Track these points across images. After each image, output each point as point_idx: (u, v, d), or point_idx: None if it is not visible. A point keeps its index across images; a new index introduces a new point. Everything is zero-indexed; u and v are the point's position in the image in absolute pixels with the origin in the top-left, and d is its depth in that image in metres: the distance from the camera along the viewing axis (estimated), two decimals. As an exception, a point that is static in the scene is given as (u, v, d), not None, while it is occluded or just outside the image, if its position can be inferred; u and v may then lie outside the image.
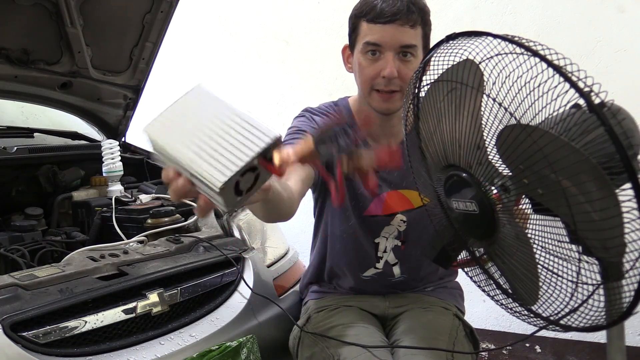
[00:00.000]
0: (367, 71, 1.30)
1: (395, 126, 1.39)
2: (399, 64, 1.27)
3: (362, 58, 1.30)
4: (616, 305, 0.87)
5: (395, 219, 1.45)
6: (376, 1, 1.26)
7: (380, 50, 1.27)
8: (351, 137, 1.39)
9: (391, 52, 1.26)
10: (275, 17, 3.15)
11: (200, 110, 0.74)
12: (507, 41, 0.87)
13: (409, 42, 1.25)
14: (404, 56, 1.27)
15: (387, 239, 1.47)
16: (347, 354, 1.29)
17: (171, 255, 1.47)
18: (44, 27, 1.77)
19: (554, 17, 2.45)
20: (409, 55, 1.27)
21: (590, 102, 0.78)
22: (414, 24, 1.25)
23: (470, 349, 1.43)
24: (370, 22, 1.26)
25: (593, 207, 0.82)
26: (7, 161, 1.83)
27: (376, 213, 1.44)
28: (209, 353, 1.29)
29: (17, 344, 1.08)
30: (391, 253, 1.48)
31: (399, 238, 1.47)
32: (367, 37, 1.27)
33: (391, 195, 1.42)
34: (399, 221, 1.46)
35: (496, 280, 1.11)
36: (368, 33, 1.27)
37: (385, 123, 1.39)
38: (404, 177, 1.39)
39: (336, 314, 1.46)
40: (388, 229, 1.47)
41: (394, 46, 1.25)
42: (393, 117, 1.38)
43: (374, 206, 1.44)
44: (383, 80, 1.28)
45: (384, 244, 1.48)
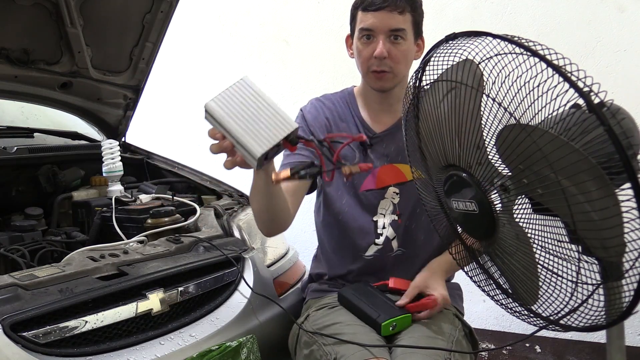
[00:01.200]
0: (363, 53, 1.46)
1: (393, 105, 1.53)
2: (390, 46, 1.42)
3: (359, 43, 1.46)
4: (616, 305, 0.87)
5: (389, 191, 1.53)
6: None
7: (374, 35, 1.43)
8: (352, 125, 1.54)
9: (382, 35, 1.42)
10: (275, 17, 3.15)
11: (246, 98, 1.05)
12: (507, 41, 0.87)
13: (397, 26, 1.41)
14: (395, 39, 1.42)
15: (384, 215, 1.53)
16: (345, 352, 1.29)
17: (171, 255, 1.46)
18: (44, 27, 1.77)
19: (554, 17, 2.45)
20: (399, 38, 1.43)
21: (589, 102, 0.78)
22: (402, 11, 1.41)
23: (469, 350, 1.43)
24: (364, 10, 1.43)
25: (593, 207, 0.82)
26: (7, 161, 1.83)
27: (370, 187, 1.53)
28: (209, 353, 1.29)
29: (17, 344, 1.08)
30: (389, 228, 1.54)
31: (395, 212, 1.53)
32: (362, 24, 1.44)
33: (385, 169, 1.52)
34: (392, 193, 1.53)
35: (496, 280, 1.11)
36: (362, 20, 1.44)
37: (384, 100, 1.53)
38: (400, 152, 1.50)
39: (334, 312, 1.47)
40: (384, 204, 1.53)
41: (384, 30, 1.41)
42: (390, 97, 1.52)
43: (368, 182, 1.53)
44: (375, 60, 1.43)
45: (382, 220, 1.53)
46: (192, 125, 3.45)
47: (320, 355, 1.34)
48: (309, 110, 1.58)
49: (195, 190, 2.05)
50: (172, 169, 2.15)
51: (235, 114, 1.04)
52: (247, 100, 1.05)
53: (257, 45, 3.21)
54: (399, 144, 1.49)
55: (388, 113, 1.54)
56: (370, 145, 1.52)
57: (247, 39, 3.24)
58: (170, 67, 3.18)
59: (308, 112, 1.57)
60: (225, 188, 2.02)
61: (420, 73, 1.09)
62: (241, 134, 1.03)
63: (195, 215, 1.69)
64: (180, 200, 1.79)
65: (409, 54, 1.46)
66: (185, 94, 3.44)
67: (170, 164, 2.17)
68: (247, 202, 1.92)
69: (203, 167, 2.14)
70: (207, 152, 1.09)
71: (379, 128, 1.54)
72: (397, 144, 1.51)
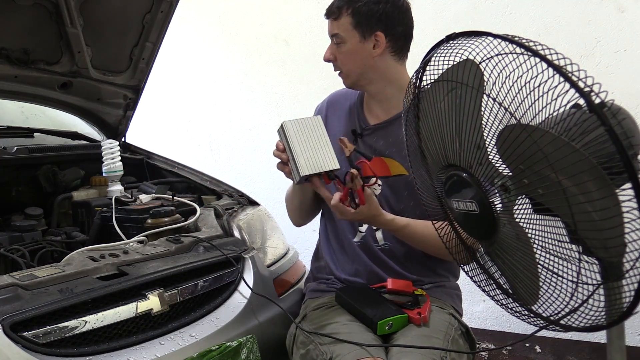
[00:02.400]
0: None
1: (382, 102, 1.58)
2: (334, 49, 1.54)
3: None
4: (616, 305, 0.87)
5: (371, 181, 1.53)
6: None
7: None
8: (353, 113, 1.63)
9: (331, 40, 1.54)
10: (275, 17, 3.15)
11: (314, 130, 1.39)
12: (507, 41, 0.87)
13: (332, 32, 1.53)
14: (337, 44, 1.53)
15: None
16: (340, 352, 1.30)
17: (171, 255, 1.46)
18: (44, 27, 1.77)
19: (554, 17, 2.45)
20: (339, 43, 1.52)
21: (590, 102, 0.78)
22: (336, 17, 1.51)
23: (467, 349, 1.43)
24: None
25: (593, 207, 0.82)
26: (7, 161, 1.83)
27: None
28: (209, 353, 1.29)
29: (17, 344, 1.08)
30: None
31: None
32: None
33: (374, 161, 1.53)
34: (375, 185, 1.55)
35: (496, 280, 1.11)
36: None
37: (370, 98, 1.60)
38: (388, 147, 1.56)
39: (331, 312, 1.48)
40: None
41: (330, 36, 1.54)
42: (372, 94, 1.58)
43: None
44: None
45: None
46: (192, 125, 3.46)
47: (317, 354, 1.35)
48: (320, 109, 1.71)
49: (195, 190, 2.05)
50: (172, 169, 2.15)
51: (301, 138, 1.37)
52: (313, 132, 1.39)
53: (257, 45, 3.21)
54: (388, 139, 1.55)
55: (380, 109, 1.59)
56: (361, 135, 1.57)
57: (247, 39, 3.24)
58: (171, 67, 3.19)
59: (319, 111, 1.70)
60: (225, 188, 2.02)
61: (421, 73, 1.09)
62: (298, 153, 1.35)
63: (195, 215, 1.69)
64: (180, 200, 1.79)
65: (355, 54, 1.51)
66: (185, 94, 3.44)
67: (170, 164, 2.17)
68: (248, 202, 1.93)
69: (203, 167, 2.15)
70: (207, 152, 1.09)
71: (373, 121, 1.59)
72: (387, 139, 1.55)
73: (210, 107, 3.40)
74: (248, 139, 3.27)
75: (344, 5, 1.49)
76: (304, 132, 1.37)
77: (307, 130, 1.37)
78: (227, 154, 3.37)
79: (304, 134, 1.37)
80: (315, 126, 1.39)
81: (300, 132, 1.37)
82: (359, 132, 1.58)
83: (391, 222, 1.46)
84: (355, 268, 1.58)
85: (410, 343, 1.31)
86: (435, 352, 1.28)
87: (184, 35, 3.25)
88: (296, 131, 1.37)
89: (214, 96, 3.37)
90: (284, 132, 1.38)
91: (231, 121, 3.34)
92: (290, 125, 1.37)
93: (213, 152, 3.40)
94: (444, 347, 1.32)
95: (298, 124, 1.38)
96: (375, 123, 1.58)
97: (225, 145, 3.38)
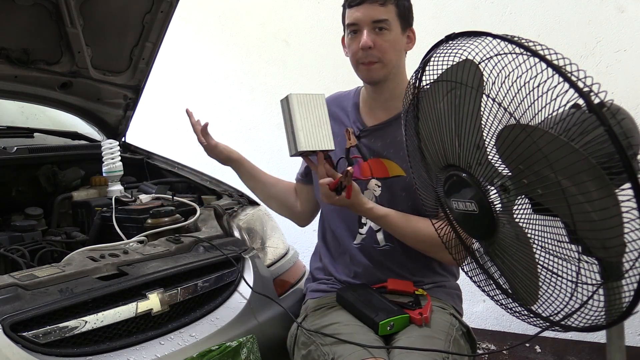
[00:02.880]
0: (352, 48, 1.50)
1: (387, 101, 1.55)
2: (374, 37, 1.45)
3: (348, 39, 1.51)
4: (616, 305, 0.87)
5: (371, 183, 1.56)
6: None
7: (359, 29, 1.47)
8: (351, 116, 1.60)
9: (366, 27, 1.45)
10: (275, 17, 3.14)
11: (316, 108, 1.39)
12: (507, 41, 0.87)
13: (379, 17, 1.44)
14: (379, 30, 1.45)
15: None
16: (342, 352, 1.29)
17: (171, 255, 1.46)
18: (44, 27, 1.77)
19: (554, 17, 2.45)
20: (383, 29, 1.45)
21: (589, 102, 0.78)
22: (383, 2, 1.44)
23: (467, 349, 1.43)
24: (349, 7, 1.48)
25: (593, 207, 0.82)
26: (7, 161, 1.83)
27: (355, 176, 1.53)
28: (209, 353, 1.29)
29: (17, 344, 1.08)
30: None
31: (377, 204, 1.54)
32: (348, 20, 1.49)
33: (372, 162, 1.55)
34: (374, 185, 1.55)
35: (496, 280, 1.11)
36: (349, 16, 1.48)
37: (377, 96, 1.56)
38: (386, 148, 1.55)
39: (332, 312, 1.47)
40: (366, 195, 1.55)
41: (367, 22, 1.45)
42: (383, 91, 1.54)
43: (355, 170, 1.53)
44: (362, 52, 1.46)
45: None
46: (192, 125, 3.45)
47: (318, 355, 1.34)
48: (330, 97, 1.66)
49: (195, 190, 2.05)
50: (172, 169, 2.15)
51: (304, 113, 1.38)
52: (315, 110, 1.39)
53: (257, 45, 3.21)
54: (386, 140, 1.54)
55: (382, 109, 1.56)
56: (358, 137, 1.55)
57: (247, 39, 3.24)
58: (171, 67, 3.18)
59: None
60: (225, 188, 2.02)
61: (420, 73, 1.09)
62: (298, 127, 1.36)
63: (195, 215, 1.69)
64: (180, 200, 1.79)
65: (397, 44, 1.48)
66: (186, 94, 3.44)
67: (170, 164, 2.17)
68: (248, 202, 1.93)
69: (203, 167, 2.14)
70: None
71: (371, 122, 1.57)
72: (385, 140, 1.54)
73: (210, 107, 3.39)
74: (248, 139, 3.26)
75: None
76: (308, 108, 1.38)
77: (310, 107, 1.38)
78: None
79: (307, 109, 1.38)
80: (318, 104, 1.39)
81: (304, 107, 1.37)
82: (356, 134, 1.55)
83: (370, 211, 1.46)
84: (355, 270, 1.58)
85: (412, 344, 1.31)
86: (437, 353, 1.28)
87: (184, 35, 3.25)
88: (300, 105, 1.37)
89: (214, 96, 3.37)
90: (288, 105, 1.38)
91: (231, 121, 3.34)
92: (296, 99, 1.38)
93: (213, 152, 3.40)
94: (445, 347, 1.32)
95: (303, 98, 1.39)
96: (373, 124, 1.57)
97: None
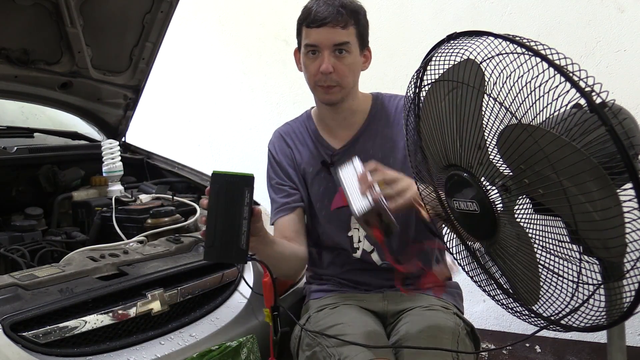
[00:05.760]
0: (310, 69, 1.46)
1: (347, 118, 1.53)
2: (335, 61, 1.42)
3: (305, 58, 1.46)
4: (617, 305, 0.87)
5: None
6: (312, 8, 1.42)
7: (318, 50, 1.42)
8: (313, 146, 1.56)
9: (327, 50, 1.41)
10: (275, 17, 3.14)
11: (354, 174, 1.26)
12: (508, 41, 0.86)
13: (340, 40, 1.40)
14: (339, 53, 1.42)
15: (358, 229, 1.54)
16: (349, 353, 1.29)
17: (171, 255, 1.47)
18: (44, 27, 1.77)
19: (554, 17, 2.45)
20: (343, 52, 1.42)
21: (591, 102, 0.78)
22: (344, 25, 1.40)
23: (472, 348, 1.43)
24: (307, 26, 1.43)
25: (594, 207, 0.82)
26: (7, 161, 1.83)
27: (340, 205, 1.52)
28: (209, 353, 1.29)
29: (17, 344, 1.08)
30: (365, 241, 1.54)
31: None
32: (306, 40, 1.44)
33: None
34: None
35: (497, 280, 1.10)
36: (307, 36, 1.43)
37: (336, 115, 1.53)
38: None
39: (336, 313, 1.46)
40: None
41: (328, 45, 1.41)
42: (342, 110, 1.52)
43: (337, 199, 1.53)
44: (322, 75, 1.43)
45: (356, 235, 1.54)
46: (192, 125, 3.46)
47: (324, 356, 1.34)
48: (274, 143, 1.60)
49: (195, 190, 2.05)
50: (172, 169, 2.15)
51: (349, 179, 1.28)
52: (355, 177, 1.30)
53: (257, 45, 3.21)
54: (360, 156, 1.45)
55: (343, 128, 1.54)
56: (332, 163, 1.51)
57: (247, 39, 3.24)
58: (170, 67, 3.18)
59: (274, 146, 1.60)
60: (225, 188, 2.02)
61: (421, 73, 1.09)
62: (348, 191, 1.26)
63: (195, 215, 1.69)
64: (180, 200, 1.79)
65: (355, 66, 1.45)
66: (186, 94, 3.45)
67: (170, 164, 2.18)
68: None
69: (203, 167, 2.14)
70: (207, 152, 1.10)
71: (338, 144, 1.54)
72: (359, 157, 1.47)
73: (210, 107, 3.40)
74: (248, 139, 3.27)
75: (349, 13, 1.41)
76: (351, 173, 1.29)
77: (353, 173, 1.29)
78: (227, 154, 3.37)
79: (351, 174, 1.30)
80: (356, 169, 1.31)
81: (348, 172, 1.30)
82: (329, 161, 1.52)
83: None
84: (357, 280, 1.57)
85: (420, 344, 1.31)
86: (445, 353, 1.28)
87: (184, 35, 3.25)
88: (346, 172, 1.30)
89: (214, 96, 3.37)
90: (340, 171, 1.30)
91: (231, 121, 3.34)
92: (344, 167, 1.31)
93: (213, 152, 3.40)
94: (453, 347, 1.32)
95: (349, 166, 1.31)
96: (341, 146, 1.53)
97: (225, 145, 3.38)
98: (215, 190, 1.07)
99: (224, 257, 1.14)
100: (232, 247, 1.08)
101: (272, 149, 1.61)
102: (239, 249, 1.08)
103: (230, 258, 1.15)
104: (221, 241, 1.07)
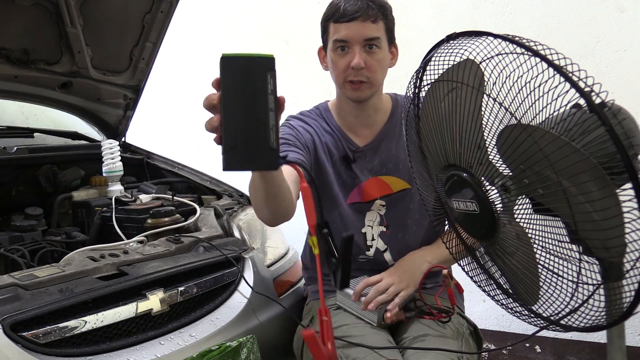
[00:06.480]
0: (339, 64, 1.42)
1: (371, 116, 1.52)
2: (365, 56, 1.40)
3: (334, 54, 1.44)
4: (616, 305, 0.87)
5: (375, 204, 1.53)
6: (339, 4, 1.40)
7: (348, 46, 1.40)
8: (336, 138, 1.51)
9: (357, 45, 1.39)
10: (275, 17, 3.14)
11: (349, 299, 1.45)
12: (508, 41, 0.87)
13: (371, 35, 1.38)
14: (370, 48, 1.40)
15: (372, 227, 1.53)
16: (356, 355, 1.29)
17: (171, 255, 1.46)
18: (44, 27, 1.77)
19: (554, 17, 2.45)
20: (374, 47, 1.40)
21: (591, 102, 0.78)
22: (375, 19, 1.38)
23: (475, 348, 1.44)
24: (336, 22, 1.41)
25: (594, 207, 0.82)
26: (7, 161, 1.83)
27: (356, 200, 1.52)
28: (209, 353, 1.29)
29: (17, 344, 1.08)
30: (379, 240, 1.53)
31: (382, 223, 1.53)
32: (335, 36, 1.41)
33: (370, 182, 1.51)
34: (379, 206, 1.53)
35: (497, 280, 1.10)
36: (336, 32, 1.41)
37: (361, 113, 1.51)
38: (384, 165, 1.51)
39: (340, 313, 1.46)
40: (370, 216, 1.53)
41: (358, 40, 1.39)
42: (367, 108, 1.50)
43: (354, 195, 1.52)
44: (352, 71, 1.40)
45: (370, 232, 1.53)
46: (192, 125, 3.45)
47: None
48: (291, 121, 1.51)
49: (195, 190, 2.05)
50: (172, 169, 2.15)
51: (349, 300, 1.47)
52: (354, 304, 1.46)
53: (257, 45, 3.21)
54: (382, 156, 1.50)
55: (367, 126, 1.52)
56: (354, 160, 1.50)
57: (247, 39, 3.24)
58: (170, 67, 3.18)
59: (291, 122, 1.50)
60: (225, 188, 2.02)
61: (421, 73, 1.09)
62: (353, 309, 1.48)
63: (195, 215, 1.69)
64: (180, 200, 1.79)
65: (385, 62, 1.43)
66: (186, 94, 3.44)
67: (170, 164, 2.17)
68: (248, 202, 1.93)
69: (203, 167, 2.14)
70: (207, 152, 1.09)
71: (361, 142, 1.52)
72: (380, 156, 1.50)
73: (210, 107, 3.39)
74: (248, 139, 3.26)
75: (378, 7, 1.39)
76: (349, 296, 1.45)
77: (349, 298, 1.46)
78: (227, 154, 3.36)
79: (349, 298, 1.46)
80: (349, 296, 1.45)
81: (346, 296, 1.46)
82: (351, 157, 1.50)
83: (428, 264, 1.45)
84: None
85: (425, 344, 1.31)
86: (449, 353, 1.28)
87: (184, 35, 3.24)
88: (346, 297, 1.47)
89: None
90: (341, 298, 1.49)
91: (231, 121, 3.34)
92: (343, 296, 1.48)
93: (213, 152, 3.38)
94: (458, 347, 1.32)
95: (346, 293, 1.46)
96: (365, 144, 1.51)
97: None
98: (229, 77, 0.85)
99: (252, 162, 0.85)
100: (261, 147, 0.82)
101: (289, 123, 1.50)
102: (269, 149, 0.81)
103: (261, 162, 0.84)
104: (245, 142, 0.82)
